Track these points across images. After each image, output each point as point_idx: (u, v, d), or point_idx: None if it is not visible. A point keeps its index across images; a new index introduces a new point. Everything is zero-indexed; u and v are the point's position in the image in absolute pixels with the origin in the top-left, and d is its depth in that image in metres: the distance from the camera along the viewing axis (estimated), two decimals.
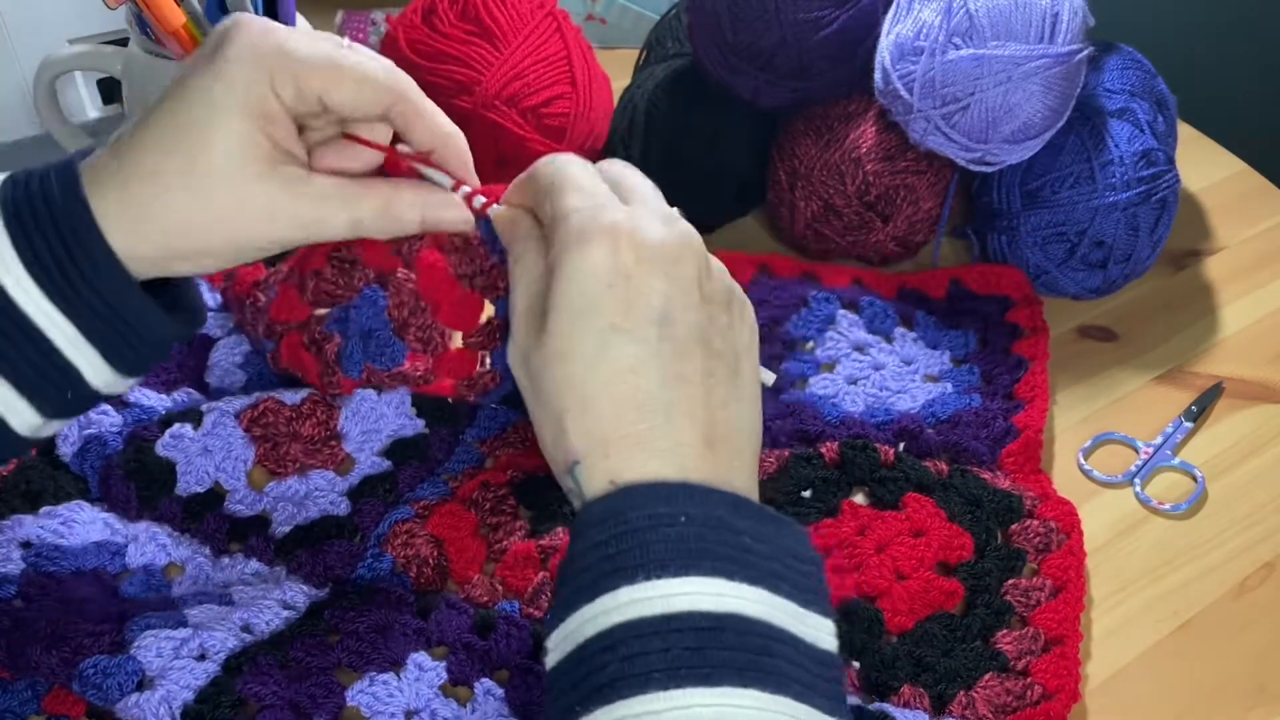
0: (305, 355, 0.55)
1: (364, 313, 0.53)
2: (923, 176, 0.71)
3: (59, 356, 0.43)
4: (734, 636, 0.37)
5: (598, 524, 0.39)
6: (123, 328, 0.44)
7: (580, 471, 0.41)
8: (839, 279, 0.71)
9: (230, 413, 0.56)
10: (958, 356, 0.67)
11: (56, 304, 0.42)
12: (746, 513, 0.41)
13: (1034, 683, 0.50)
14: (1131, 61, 0.72)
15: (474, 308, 0.53)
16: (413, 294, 0.52)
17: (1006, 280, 0.70)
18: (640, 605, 0.37)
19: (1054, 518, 0.57)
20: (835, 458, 0.59)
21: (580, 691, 0.37)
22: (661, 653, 0.36)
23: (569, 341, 0.42)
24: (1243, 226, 0.79)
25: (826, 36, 0.69)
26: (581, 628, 0.38)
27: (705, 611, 0.37)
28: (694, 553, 0.38)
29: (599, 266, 0.42)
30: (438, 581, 0.53)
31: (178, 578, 0.53)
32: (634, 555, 0.38)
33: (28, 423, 0.45)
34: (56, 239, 0.42)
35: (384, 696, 0.48)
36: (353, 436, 0.57)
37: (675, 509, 0.39)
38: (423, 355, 0.53)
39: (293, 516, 0.55)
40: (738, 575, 0.38)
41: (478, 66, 0.70)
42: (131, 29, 0.70)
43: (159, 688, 0.46)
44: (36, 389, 0.44)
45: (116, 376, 0.45)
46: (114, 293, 0.43)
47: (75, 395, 0.45)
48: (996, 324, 0.68)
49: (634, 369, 0.41)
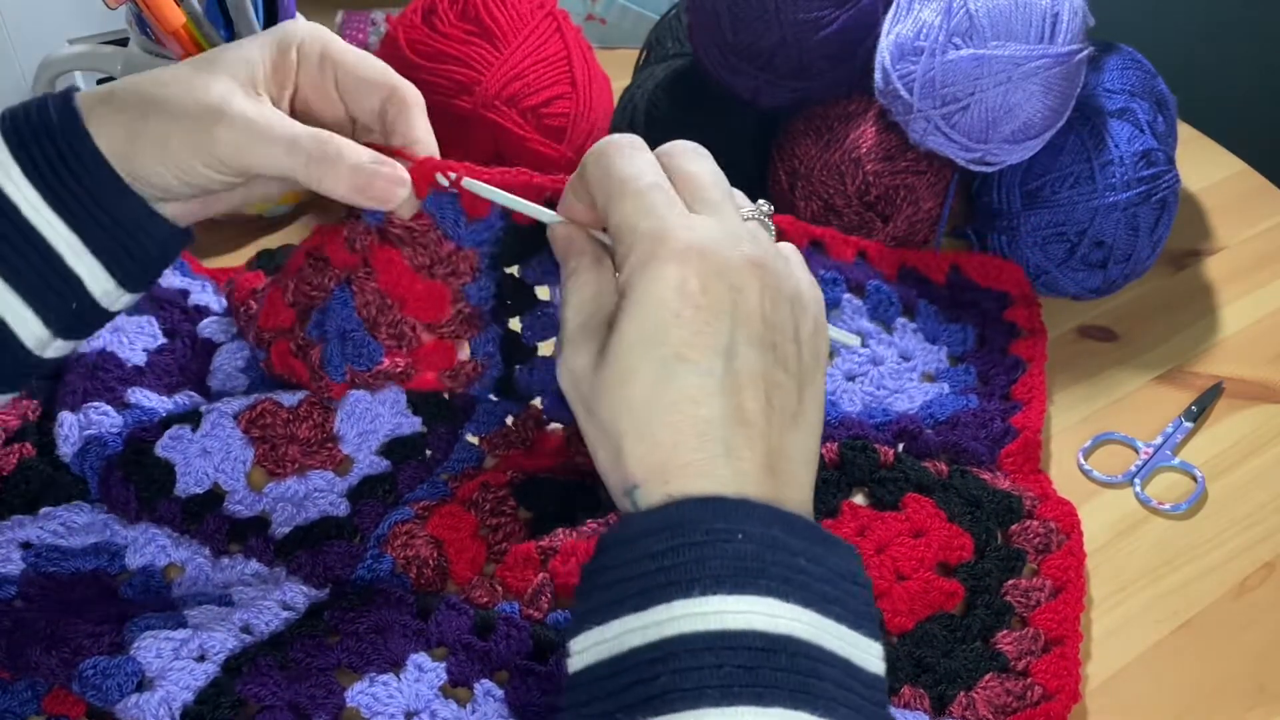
0: (294, 362, 0.55)
1: (337, 314, 0.53)
2: (923, 176, 0.70)
3: (61, 263, 0.45)
4: (787, 658, 0.37)
5: (653, 534, 0.39)
6: (119, 233, 0.46)
7: (639, 495, 0.41)
8: (845, 250, 0.70)
9: (228, 414, 0.56)
10: (955, 354, 0.67)
11: (56, 210, 0.45)
12: (802, 533, 0.40)
13: (1034, 683, 0.50)
14: (1131, 61, 0.72)
15: (440, 297, 0.52)
16: (376, 291, 0.52)
17: (1007, 275, 0.70)
18: (695, 620, 0.37)
19: (1054, 518, 0.57)
20: (834, 458, 0.59)
21: (622, 700, 0.37)
22: (715, 669, 0.36)
23: (631, 367, 0.41)
24: (1243, 226, 0.79)
25: (826, 36, 0.69)
26: (626, 636, 0.38)
27: (760, 631, 0.37)
28: (750, 571, 0.38)
29: (667, 296, 0.41)
30: (437, 582, 0.53)
31: (177, 579, 0.53)
32: (690, 569, 0.38)
33: (34, 334, 0.46)
34: (55, 153, 0.44)
35: (384, 697, 0.48)
36: (349, 438, 0.57)
37: (733, 525, 0.39)
38: (399, 351, 0.53)
39: (292, 517, 0.55)
40: (792, 597, 0.38)
41: (478, 66, 0.70)
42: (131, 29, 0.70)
43: (159, 688, 0.46)
44: (42, 297, 0.45)
45: (116, 287, 0.47)
46: (109, 196, 0.45)
47: (80, 306, 0.46)
48: (995, 320, 0.68)
49: (696, 400, 0.41)
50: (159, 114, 0.45)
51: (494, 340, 0.55)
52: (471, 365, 0.54)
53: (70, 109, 0.45)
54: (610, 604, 0.38)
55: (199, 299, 0.65)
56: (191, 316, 0.64)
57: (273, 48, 0.49)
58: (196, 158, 0.46)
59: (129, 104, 0.46)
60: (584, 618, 0.39)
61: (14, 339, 0.46)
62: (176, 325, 0.63)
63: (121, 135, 0.45)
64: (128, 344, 0.60)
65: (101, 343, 0.60)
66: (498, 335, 0.55)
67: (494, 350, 0.55)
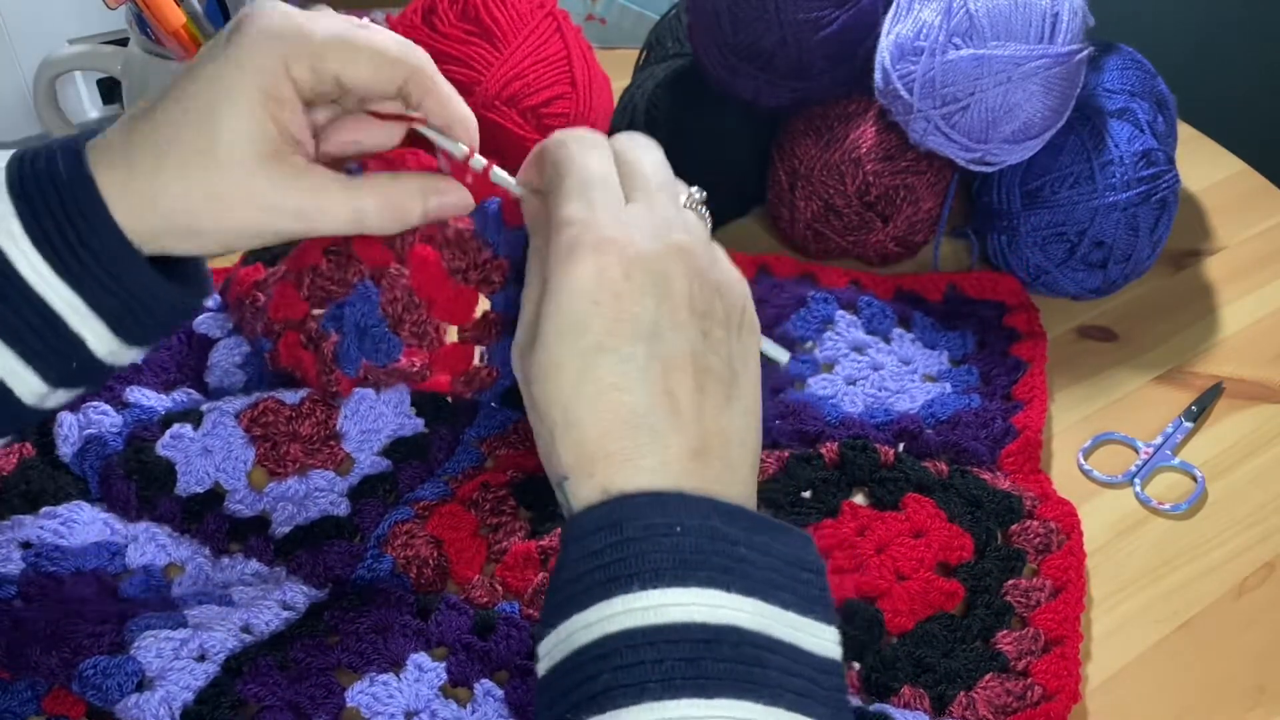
0: (303, 354, 0.55)
1: (359, 309, 0.53)
2: (923, 176, 0.71)
3: (64, 327, 0.43)
4: (729, 648, 0.37)
5: (592, 532, 0.39)
6: (128, 299, 0.44)
7: (568, 486, 0.41)
8: (837, 280, 0.71)
9: (230, 412, 0.56)
10: (955, 357, 0.67)
11: (63, 278, 0.42)
12: (742, 522, 0.40)
13: (1034, 683, 0.50)
14: (1131, 61, 0.72)
15: (468, 302, 0.52)
16: (406, 289, 0.52)
17: (1003, 287, 0.70)
18: (635, 615, 0.37)
19: (1054, 518, 0.57)
20: (835, 458, 0.59)
21: (571, 699, 0.37)
22: (656, 663, 0.36)
23: (556, 357, 0.41)
24: (1243, 226, 0.79)
25: (826, 36, 0.69)
26: (574, 635, 0.38)
27: (701, 623, 0.37)
28: (689, 563, 0.38)
29: (586, 284, 0.41)
30: (438, 582, 0.53)
31: (177, 578, 0.53)
32: (629, 564, 0.38)
33: (33, 391, 0.45)
34: (62, 214, 0.42)
35: (384, 697, 0.48)
36: (352, 436, 0.57)
37: (671, 519, 0.39)
38: (419, 350, 0.53)
39: (293, 517, 0.55)
40: (733, 586, 0.38)
41: (478, 66, 0.70)
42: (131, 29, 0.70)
43: (159, 688, 0.46)
44: (41, 358, 0.44)
45: (122, 346, 0.45)
46: (119, 265, 0.43)
47: (80, 364, 0.45)
48: (994, 327, 0.68)
49: (620, 387, 0.41)
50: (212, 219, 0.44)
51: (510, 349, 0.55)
52: (486, 371, 0.54)
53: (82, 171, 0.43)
54: (561, 605, 0.39)
55: None
56: None
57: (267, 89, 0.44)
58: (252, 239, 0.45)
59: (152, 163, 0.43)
60: (545, 621, 0.39)
61: (10, 395, 0.44)
62: None
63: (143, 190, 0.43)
64: None
65: None
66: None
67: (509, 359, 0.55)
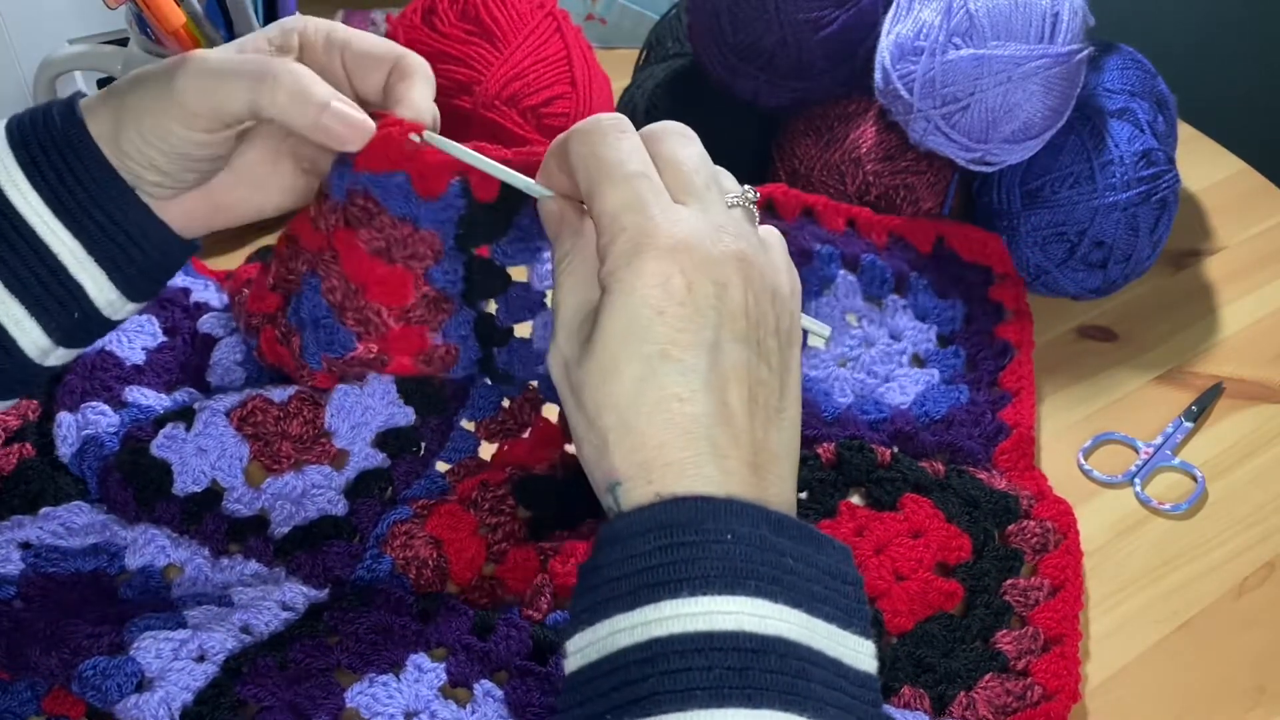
0: (281, 350, 0.54)
1: (309, 301, 0.52)
2: (923, 176, 0.70)
3: (65, 274, 0.46)
4: (776, 659, 0.36)
5: (641, 534, 0.39)
6: (122, 239, 0.46)
7: (621, 492, 0.41)
8: (835, 220, 0.70)
9: (220, 411, 0.55)
10: (944, 333, 0.67)
11: (61, 219, 0.45)
12: (790, 533, 0.40)
13: (1034, 683, 0.50)
14: (1131, 61, 0.72)
15: (401, 282, 0.51)
16: (341, 276, 0.51)
17: (991, 250, 0.70)
18: (684, 620, 0.37)
19: (1050, 518, 0.57)
20: (832, 458, 0.59)
21: (611, 700, 0.37)
22: (704, 670, 0.36)
23: (615, 362, 0.41)
24: (1243, 226, 0.79)
25: (826, 36, 0.69)
26: (615, 636, 0.37)
27: (750, 633, 0.37)
28: (739, 572, 0.37)
29: (651, 293, 0.40)
30: (437, 583, 0.53)
31: (177, 579, 0.53)
32: (678, 569, 0.37)
33: (36, 343, 0.46)
34: (58, 156, 0.45)
35: (383, 698, 0.48)
36: (342, 432, 0.56)
37: (721, 526, 0.38)
38: (368, 337, 0.52)
39: (291, 516, 0.55)
40: (780, 597, 0.38)
41: (478, 66, 0.70)
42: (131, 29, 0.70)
43: (158, 689, 0.46)
44: (44, 305, 0.46)
45: (120, 297, 0.47)
46: (111, 201, 0.45)
47: (81, 315, 0.47)
48: (981, 299, 0.68)
49: (682, 398, 0.40)
50: (135, 88, 0.45)
51: (467, 324, 0.54)
52: (444, 349, 0.53)
53: (73, 114, 0.45)
54: (601, 604, 0.38)
55: (200, 296, 0.65)
56: (192, 314, 0.64)
57: (273, 31, 0.49)
58: (167, 115, 0.45)
59: (117, 92, 0.46)
60: (578, 618, 0.39)
61: (14, 346, 0.46)
62: (177, 323, 0.63)
63: (109, 120, 0.45)
64: (127, 343, 0.60)
65: (101, 342, 0.59)
66: (471, 318, 0.54)
67: (468, 334, 0.54)
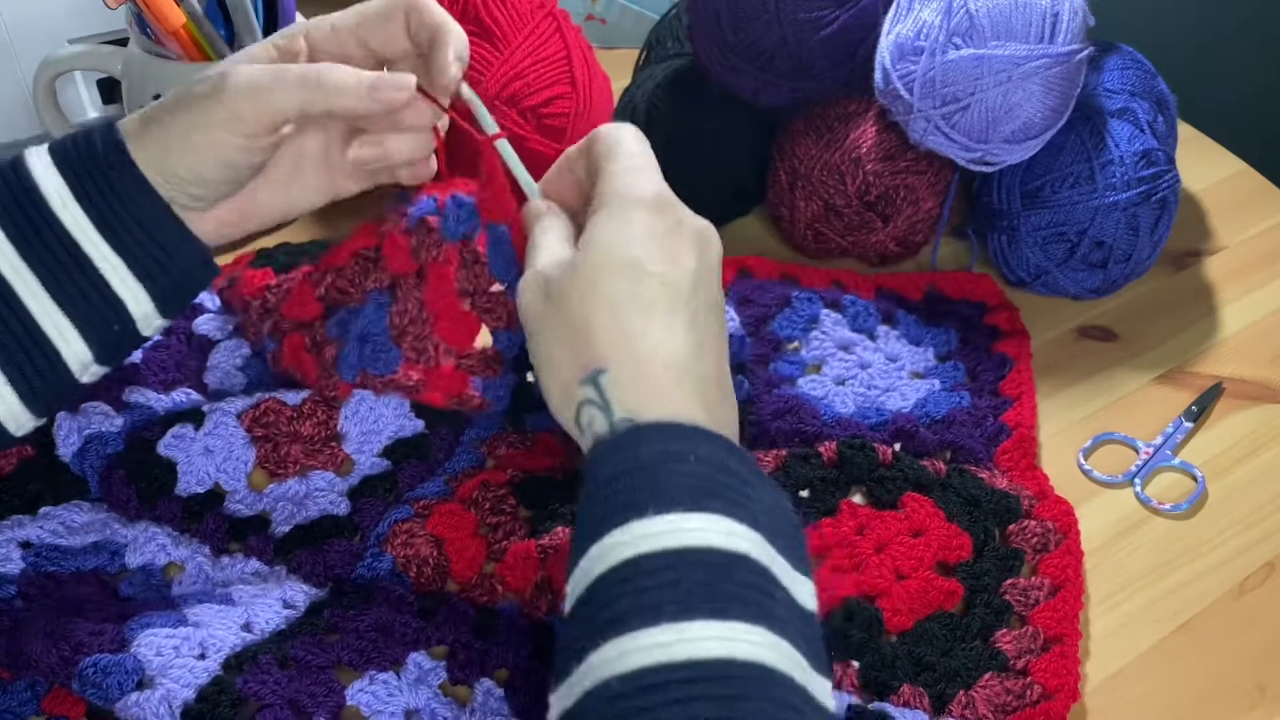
0: (305, 357, 0.55)
1: (367, 317, 0.53)
2: (923, 176, 0.71)
3: (107, 288, 0.48)
4: (743, 574, 0.37)
5: (606, 460, 0.40)
6: (160, 255, 0.49)
7: (606, 380, 0.42)
8: (819, 280, 0.71)
9: (232, 413, 0.56)
10: (941, 353, 0.67)
11: (104, 235, 0.47)
12: (746, 463, 0.41)
13: (1033, 682, 0.50)
14: (1131, 61, 0.72)
15: (470, 328, 0.53)
16: (418, 302, 0.53)
17: (981, 288, 0.71)
18: (651, 539, 0.37)
19: (1051, 518, 0.57)
20: (833, 457, 0.59)
21: (592, 626, 0.37)
22: (673, 585, 0.36)
23: (610, 266, 0.44)
24: (1243, 226, 0.79)
25: (826, 36, 0.69)
26: (593, 565, 0.38)
27: (716, 548, 0.37)
28: (704, 491, 0.38)
29: (645, 218, 0.45)
30: (438, 581, 0.53)
31: (177, 577, 0.53)
32: (644, 490, 0.38)
33: (78, 356, 0.49)
34: (101, 176, 0.47)
35: (384, 696, 0.48)
36: (353, 437, 0.57)
37: (685, 448, 0.40)
38: (416, 366, 0.53)
39: (292, 516, 0.55)
40: (744, 519, 0.38)
41: (478, 66, 0.70)
42: (131, 29, 0.70)
43: (159, 687, 0.46)
44: (87, 319, 0.48)
45: (154, 311, 0.50)
46: (150, 220, 0.48)
47: (120, 328, 0.49)
48: (976, 326, 0.69)
49: (670, 309, 0.44)
50: (179, 108, 0.48)
51: (507, 387, 0.55)
52: (479, 400, 0.55)
53: (113, 136, 0.48)
54: (581, 539, 0.39)
55: None
56: (186, 315, 0.64)
57: (277, 38, 0.51)
58: (219, 126, 0.48)
59: (158, 117, 0.48)
60: (571, 561, 0.40)
61: (58, 358, 0.48)
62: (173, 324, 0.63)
63: (156, 144, 0.48)
64: None
65: None
66: (512, 383, 0.55)
67: (504, 395, 0.56)
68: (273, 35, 0.51)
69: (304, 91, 0.48)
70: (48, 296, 0.47)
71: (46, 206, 0.47)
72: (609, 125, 0.50)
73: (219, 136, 0.48)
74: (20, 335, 0.47)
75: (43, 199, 0.47)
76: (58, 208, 0.47)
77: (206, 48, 0.67)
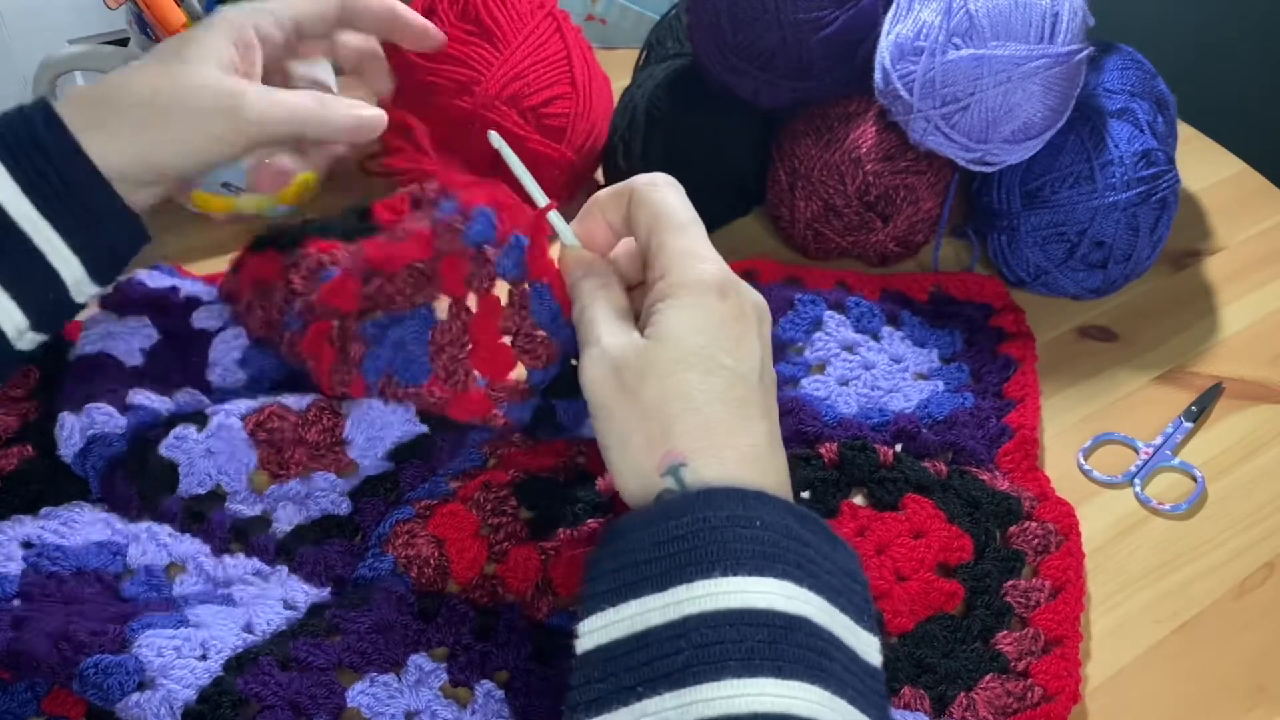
0: (326, 347, 0.55)
1: (408, 326, 0.54)
2: (923, 176, 0.71)
3: (39, 255, 0.50)
4: (804, 637, 0.38)
5: (674, 518, 0.41)
6: (91, 222, 0.51)
7: (686, 472, 0.43)
8: (823, 282, 0.71)
9: (235, 415, 0.56)
10: (945, 355, 0.67)
11: (36, 204, 0.49)
12: (812, 527, 0.43)
13: (1034, 684, 0.50)
14: (1131, 61, 0.72)
15: (506, 362, 0.54)
16: (463, 326, 0.53)
17: (988, 290, 0.71)
18: (716, 599, 0.39)
19: (1052, 519, 0.57)
20: (834, 458, 0.59)
21: (641, 675, 0.38)
22: (736, 644, 0.38)
23: (683, 358, 0.45)
24: (1243, 226, 0.79)
25: (826, 36, 0.69)
26: (646, 615, 0.39)
27: (779, 611, 0.39)
28: (768, 556, 0.40)
29: (714, 306, 0.46)
30: (439, 582, 0.53)
31: (179, 577, 0.53)
32: (710, 551, 0.39)
33: (14, 323, 0.51)
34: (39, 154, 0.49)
35: (384, 697, 0.48)
36: (358, 443, 0.57)
37: (750, 513, 0.41)
38: (442, 385, 0.54)
39: (293, 516, 0.55)
40: (805, 582, 0.40)
41: (478, 66, 0.70)
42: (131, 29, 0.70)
43: (160, 687, 0.45)
44: (20, 286, 0.50)
45: (86, 277, 0.52)
46: (84, 189, 0.50)
47: (55, 298, 0.52)
48: (981, 328, 0.69)
49: (743, 400, 0.45)
50: (181, 111, 0.50)
51: (531, 409, 0.55)
52: (502, 421, 0.55)
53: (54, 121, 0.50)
54: (627, 585, 0.40)
55: (189, 290, 0.65)
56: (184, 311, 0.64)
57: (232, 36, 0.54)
58: (224, 141, 0.51)
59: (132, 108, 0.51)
60: (598, 599, 0.40)
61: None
62: (172, 322, 0.63)
63: (135, 141, 0.50)
64: (124, 346, 0.60)
65: (99, 345, 0.60)
66: (536, 406, 0.56)
67: (528, 416, 0.56)
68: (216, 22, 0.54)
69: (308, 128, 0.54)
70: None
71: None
72: (647, 183, 0.49)
73: (216, 148, 0.52)
74: None
75: None
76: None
77: None
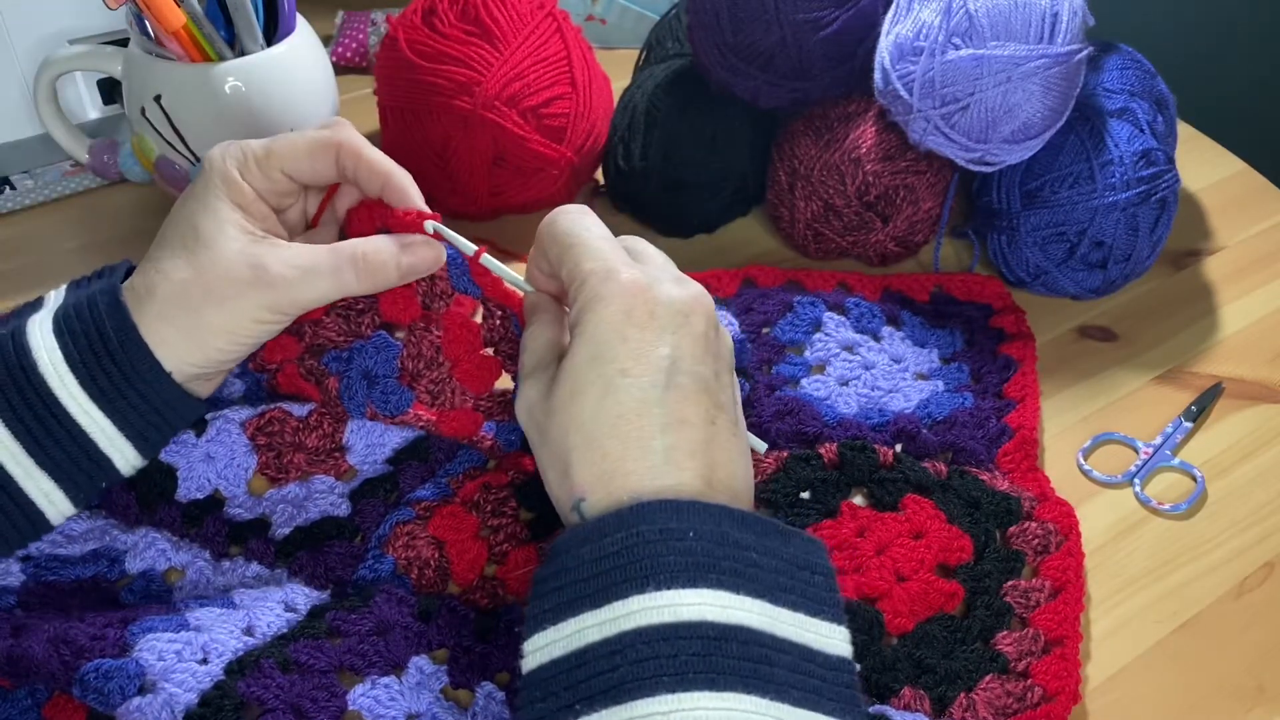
0: (305, 384, 0.56)
1: (370, 357, 0.54)
2: (923, 176, 0.71)
3: (96, 450, 0.50)
4: (738, 646, 0.39)
5: (608, 534, 0.41)
6: (151, 414, 0.50)
7: (585, 507, 0.44)
8: (823, 283, 0.71)
9: (235, 420, 0.56)
10: (945, 355, 0.67)
11: (100, 406, 0.49)
12: (754, 528, 0.42)
13: (1034, 684, 0.50)
14: (1131, 61, 0.72)
15: (491, 372, 0.55)
16: (432, 346, 0.54)
17: (989, 290, 0.71)
18: (650, 613, 0.39)
19: (1052, 519, 0.57)
20: (834, 459, 0.59)
21: (580, 692, 0.39)
22: (670, 658, 0.38)
23: (578, 385, 0.45)
24: (1243, 226, 0.79)
25: (826, 36, 0.69)
26: (583, 632, 0.40)
27: (712, 621, 0.39)
28: (702, 566, 0.40)
29: (614, 320, 0.45)
30: (439, 584, 0.53)
31: (178, 582, 0.53)
32: (644, 566, 0.40)
33: (60, 512, 0.50)
34: (103, 350, 0.48)
35: (385, 700, 0.48)
36: (358, 449, 0.57)
37: (684, 524, 0.41)
38: (429, 407, 0.54)
39: (292, 518, 0.55)
40: (743, 589, 0.40)
41: (478, 67, 0.70)
42: (131, 29, 0.70)
43: (161, 691, 0.45)
44: (73, 479, 0.50)
45: (138, 457, 0.51)
46: (147, 384, 0.49)
47: (107, 482, 0.51)
48: (982, 328, 0.69)
49: (638, 412, 0.44)
50: (212, 307, 0.49)
51: (520, 431, 0.56)
52: (490, 443, 0.56)
53: (118, 308, 0.49)
54: (566, 604, 0.41)
55: None
56: None
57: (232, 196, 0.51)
58: (255, 324, 0.50)
59: (176, 312, 0.49)
60: (540, 619, 0.41)
61: (41, 519, 0.50)
62: None
63: (182, 342, 0.50)
64: None
65: None
66: None
67: (516, 440, 0.56)
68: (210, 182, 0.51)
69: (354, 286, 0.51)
70: (34, 463, 0.48)
71: (40, 379, 0.48)
72: (548, 221, 0.50)
73: (255, 330, 0.51)
74: (4, 503, 0.49)
75: (40, 378, 0.48)
76: (50, 377, 0.48)
77: (207, 48, 0.67)
